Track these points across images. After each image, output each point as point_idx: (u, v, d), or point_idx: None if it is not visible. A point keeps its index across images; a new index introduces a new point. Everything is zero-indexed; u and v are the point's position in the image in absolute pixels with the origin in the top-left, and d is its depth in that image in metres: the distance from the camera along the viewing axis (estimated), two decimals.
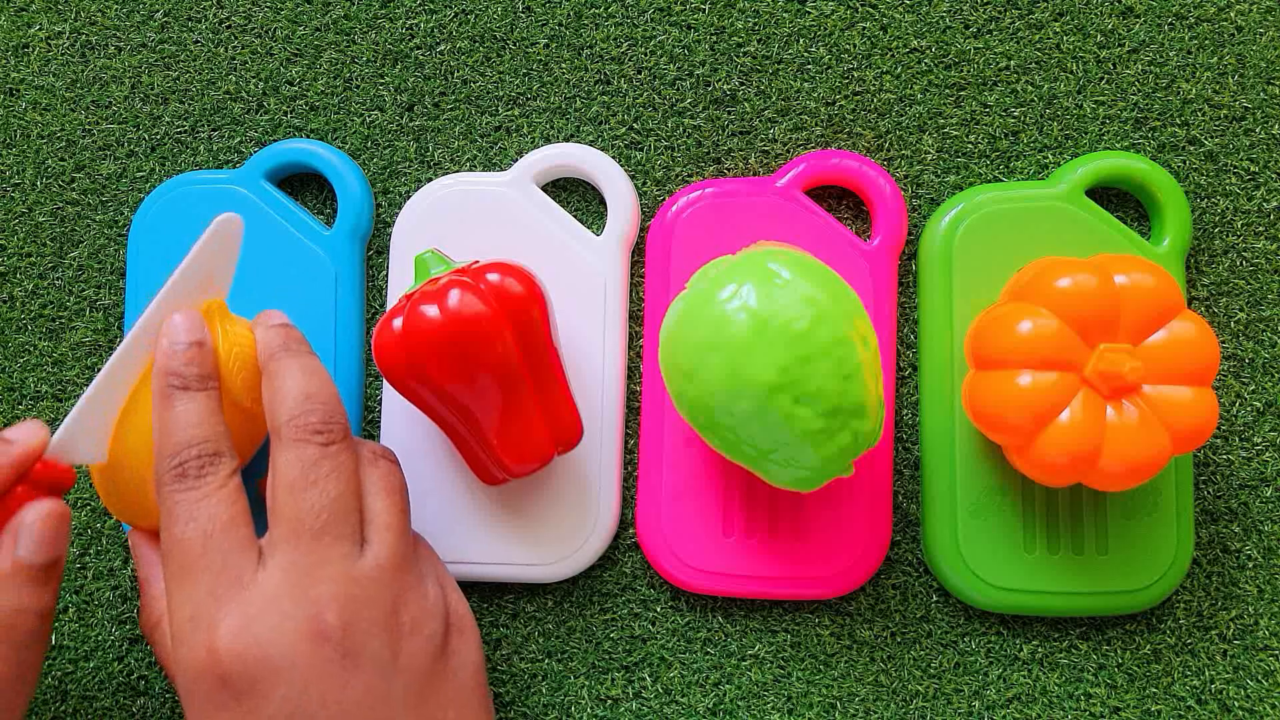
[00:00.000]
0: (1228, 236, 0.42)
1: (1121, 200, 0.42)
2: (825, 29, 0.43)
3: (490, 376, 0.35)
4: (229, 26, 0.44)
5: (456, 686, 0.33)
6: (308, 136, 0.43)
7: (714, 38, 0.43)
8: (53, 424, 0.43)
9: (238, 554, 0.31)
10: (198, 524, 0.31)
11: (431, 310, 0.34)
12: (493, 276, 0.35)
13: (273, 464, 0.32)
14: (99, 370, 0.43)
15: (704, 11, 0.43)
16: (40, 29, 0.44)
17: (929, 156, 0.42)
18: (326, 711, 0.30)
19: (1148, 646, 0.40)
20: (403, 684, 0.31)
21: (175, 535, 0.31)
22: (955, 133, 0.42)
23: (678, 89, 0.43)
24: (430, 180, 0.42)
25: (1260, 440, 0.41)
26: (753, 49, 0.43)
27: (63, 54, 0.44)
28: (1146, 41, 0.42)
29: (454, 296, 0.35)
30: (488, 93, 0.43)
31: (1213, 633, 0.40)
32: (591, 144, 0.42)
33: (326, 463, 0.32)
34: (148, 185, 0.43)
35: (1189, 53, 0.42)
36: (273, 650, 0.29)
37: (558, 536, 0.40)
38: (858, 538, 0.39)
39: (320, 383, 0.33)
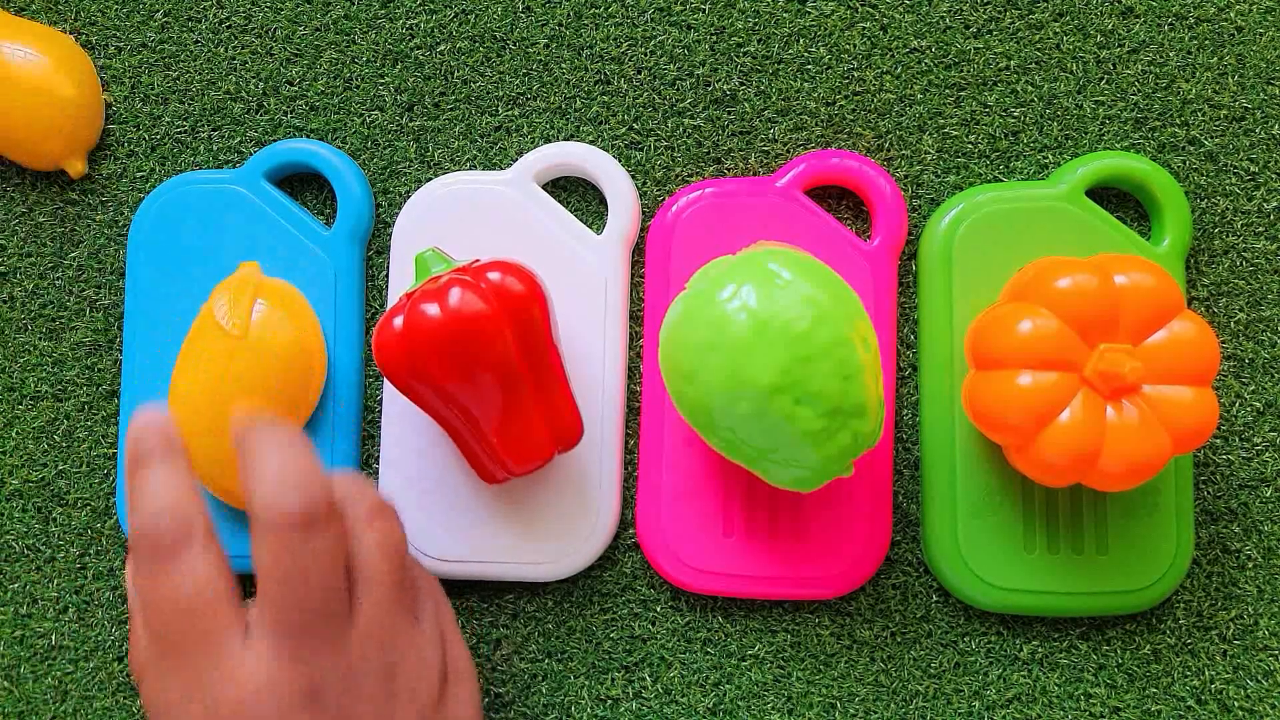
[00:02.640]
0: (1228, 236, 0.42)
1: (1121, 200, 0.42)
2: (825, 29, 0.43)
3: (491, 375, 0.35)
4: (229, 26, 0.44)
5: None
6: (308, 136, 0.43)
7: (714, 38, 0.43)
8: (53, 424, 0.43)
9: (222, 632, 0.30)
10: (179, 602, 0.30)
11: (432, 309, 0.34)
12: (493, 275, 0.35)
13: (255, 549, 0.30)
14: (101, 370, 0.43)
15: (704, 11, 0.43)
16: None
17: (929, 156, 0.42)
18: None
19: (1148, 646, 0.40)
20: None
21: (158, 610, 0.30)
22: (955, 133, 0.42)
23: (678, 89, 0.43)
24: (430, 180, 0.42)
25: (1260, 440, 0.41)
26: (753, 49, 0.43)
27: None
28: (1146, 41, 0.42)
29: (455, 295, 0.35)
30: (488, 93, 0.43)
31: (1213, 633, 0.40)
32: (591, 144, 0.42)
33: (309, 549, 0.30)
34: (148, 185, 0.43)
35: (1189, 53, 0.42)
36: None
37: (558, 536, 0.40)
38: (858, 538, 0.39)
39: (295, 459, 0.30)
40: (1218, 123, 0.42)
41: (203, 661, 0.30)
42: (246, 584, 0.42)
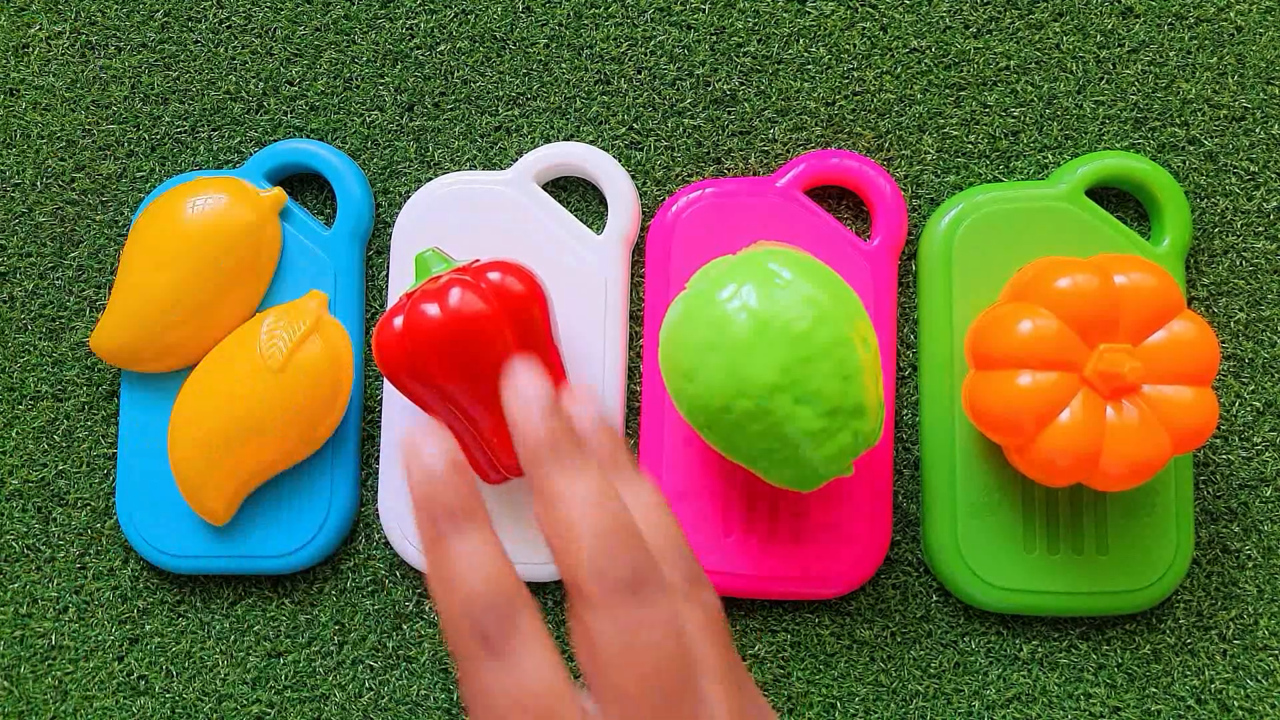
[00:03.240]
0: (1228, 236, 0.42)
1: (1121, 200, 0.42)
2: (825, 29, 0.43)
3: (490, 375, 0.35)
4: (229, 26, 0.44)
5: None
6: (308, 136, 0.43)
7: (714, 38, 0.43)
8: (53, 424, 0.43)
9: None
10: (524, 699, 0.25)
11: (432, 309, 0.34)
12: (493, 275, 0.35)
13: (588, 625, 0.26)
14: (100, 370, 0.43)
15: (704, 11, 0.43)
16: (40, 29, 0.44)
17: (929, 156, 0.42)
18: None
19: (1148, 646, 0.40)
20: None
21: (496, 712, 0.25)
22: (955, 133, 0.42)
23: (678, 89, 0.43)
24: (430, 180, 0.42)
25: (1260, 440, 0.41)
26: (753, 49, 0.43)
27: (63, 54, 0.44)
28: (1146, 41, 0.42)
29: (455, 295, 0.35)
30: (488, 93, 0.43)
31: (1213, 633, 0.40)
32: (591, 144, 0.42)
33: (646, 619, 0.26)
34: (148, 185, 0.43)
35: (1189, 53, 0.42)
36: None
37: None
38: (858, 538, 0.39)
39: (614, 510, 0.26)
40: (1218, 123, 0.42)
41: None
42: (233, 585, 0.42)
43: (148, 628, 0.42)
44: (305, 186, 0.43)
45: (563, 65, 0.43)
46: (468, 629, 0.26)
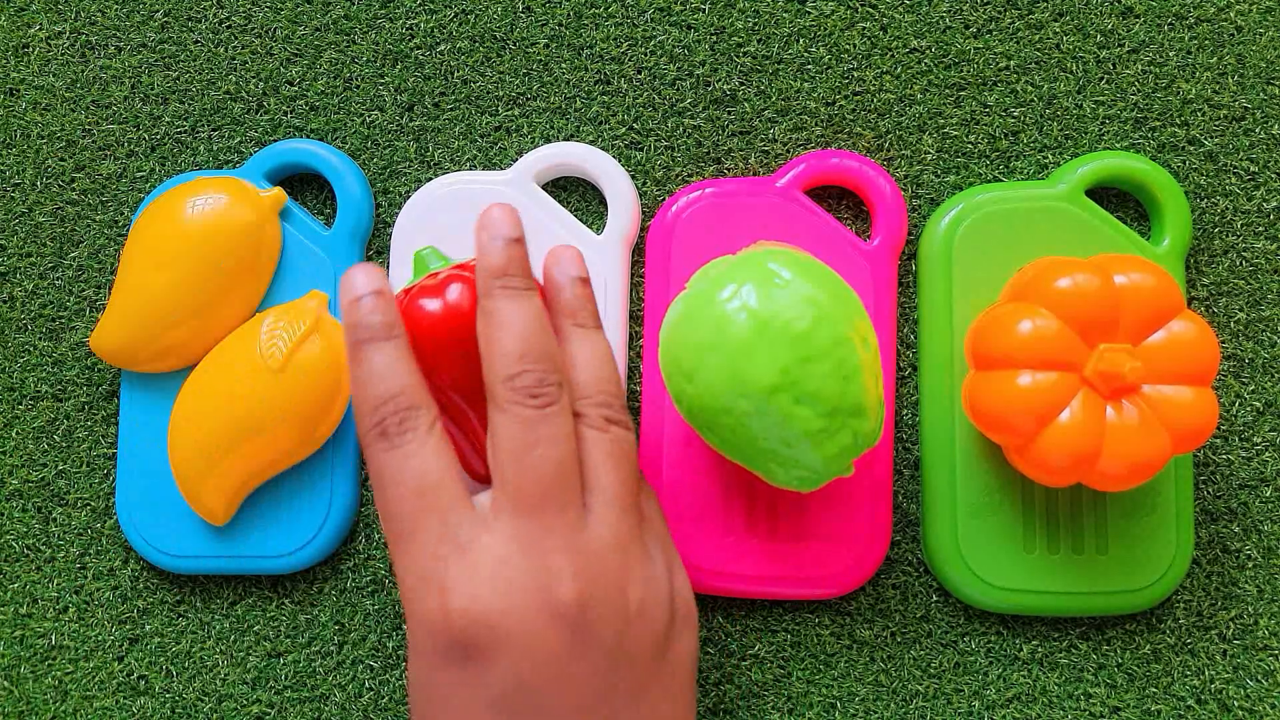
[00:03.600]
0: (1228, 236, 0.42)
1: (1121, 200, 0.42)
2: (825, 29, 0.43)
3: None
4: (229, 26, 0.44)
5: (674, 680, 0.32)
6: (308, 136, 0.43)
7: (714, 38, 0.43)
8: (53, 424, 0.43)
9: (455, 511, 0.30)
10: (407, 484, 0.30)
11: (432, 304, 0.34)
12: None
13: (491, 425, 0.31)
14: (100, 370, 0.43)
15: (704, 11, 0.43)
16: (40, 29, 0.44)
17: (929, 156, 0.42)
18: (550, 690, 0.29)
19: (1148, 646, 0.40)
20: (626, 672, 0.30)
21: (388, 497, 0.30)
22: (955, 133, 0.42)
23: (678, 89, 0.43)
24: (430, 180, 0.42)
25: (1260, 440, 0.41)
26: (753, 49, 0.43)
27: (63, 54, 0.44)
28: (1146, 41, 0.42)
29: (454, 291, 0.35)
30: (488, 93, 0.43)
31: (1213, 633, 0.40)
32: (591, 144, 0.42)
33: (544, 426, 0.30)
34: (148, 185, 0.43)
35: (1189, 53, 0.42)
36: (506, 619, 0.29)
37: None
38: (858, 538, 0.39)
39: (535, 335, 0.31)
40: (1218, 123, 0.42)
41: (440, 544, 0.29)
42: (217, 586, 0.42)
43: (148, 628, 0.42)
44: (305, 186, 0.43)
45: (563, 65, 0.43)
46: (370, 423, 0.31)
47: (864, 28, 0.43)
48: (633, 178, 0.42)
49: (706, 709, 0.40)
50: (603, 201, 0.42)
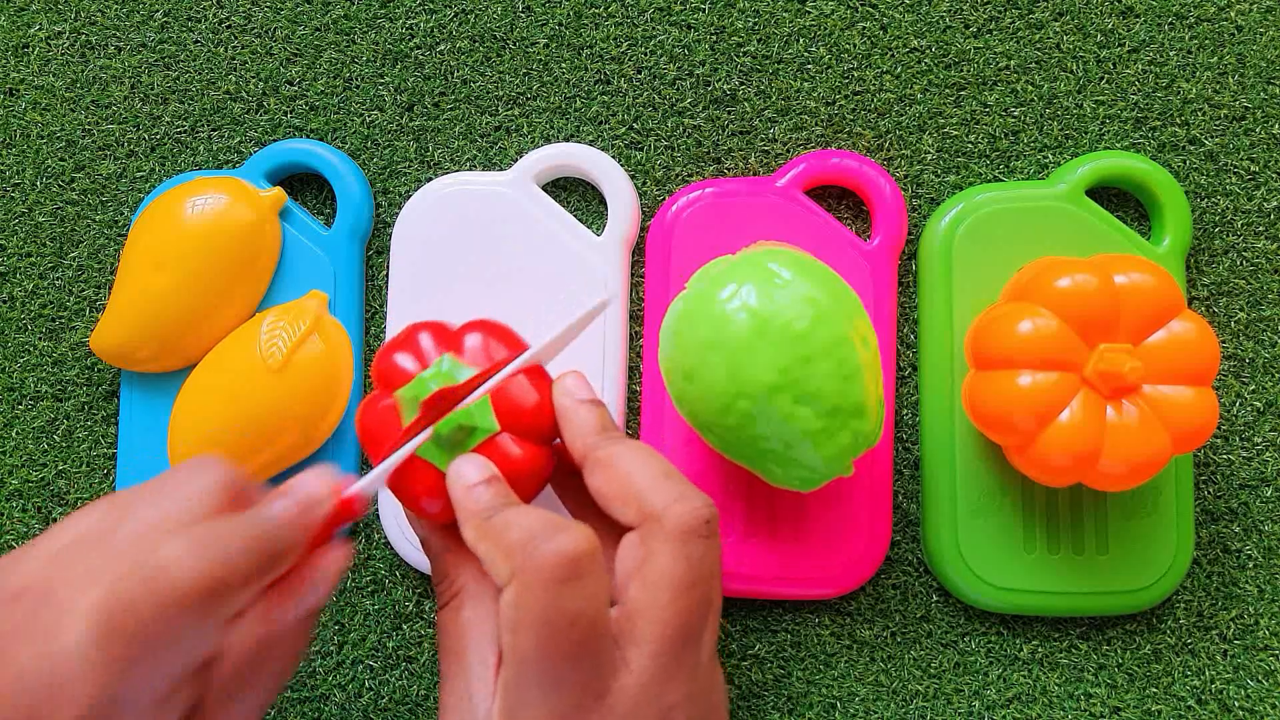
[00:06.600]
0: (1228, 236, 0.42)
1: (1121, 200, 0.42)
2: (825, 29, 0.43)
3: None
4: (229, 26, 0.44)
5: None
6: (308, 136, 0.43)
7: (714, 38, 0.43)
8: (53, 424, 0.43)
9: (605, 656, 0.28)
10: (575, 625, 0.27)
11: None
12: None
13: (651, 554, 0.28)
14: (100, 370, 0.43)
15: (704, 11, 0.43)
16: (40, 29, 0.44)
17: (929, 156, 0.42)
18: None
19: (1148, 646, 0.40)
20: None
21: (547, 634, 0.27)
22: (955, 133, 0.42)
23: (678, 89, 0.43)
24: (430, 180, 0.42)
25: (1260, 440, 0.41)
26: (753, 49, 0.43)
27: (63, 54, 0.44)
28: (1146, 41, 0.42)
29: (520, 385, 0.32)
30: (488, 93, 0.43)
31: (1213, 633, 0.40)
32: (591, 144, 0.42)
33: (709, 560, 0.28)
34: (148, 185, 0.43)
35: (1189, 53, 0.42)
36: None
37: None
38: (858, 538, 0.39)
39: (668, 464, 0.30)
40: (1218, 123, 0.42)
41: (585, 694, 0.27)
42: None
43: None
44: (305, 186, 0.43)
45: (563, 65, 0.43)
46: (536, 567, 0.28)
47: (864, 27, 0.43)
48: (633, 178, 0.42)
49: None
50: (603, 202, 0.42)
